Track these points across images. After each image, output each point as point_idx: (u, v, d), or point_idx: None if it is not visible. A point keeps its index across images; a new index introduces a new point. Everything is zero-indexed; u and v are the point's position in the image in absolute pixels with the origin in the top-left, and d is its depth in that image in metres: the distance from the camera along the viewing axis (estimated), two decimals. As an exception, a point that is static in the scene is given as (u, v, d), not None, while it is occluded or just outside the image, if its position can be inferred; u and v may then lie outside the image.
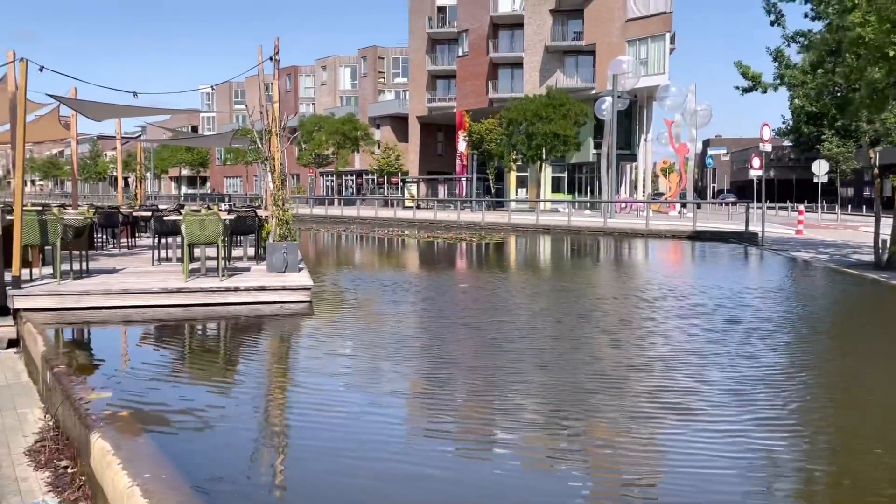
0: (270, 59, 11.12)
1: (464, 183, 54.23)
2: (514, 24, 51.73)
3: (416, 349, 7.20)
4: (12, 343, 7.91)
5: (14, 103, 9.39)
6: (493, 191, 51.66)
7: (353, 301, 10.72)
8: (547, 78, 49.50)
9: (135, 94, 10.48)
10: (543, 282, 13.85)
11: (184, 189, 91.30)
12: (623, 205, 42.34)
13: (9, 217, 9.46)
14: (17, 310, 8.17)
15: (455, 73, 55.85)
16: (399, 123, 62.19)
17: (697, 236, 25.39)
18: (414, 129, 59.70)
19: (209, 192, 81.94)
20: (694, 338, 7.80)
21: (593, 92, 46.65)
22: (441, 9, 58.36)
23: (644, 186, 48.70)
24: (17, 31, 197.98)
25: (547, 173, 48.24)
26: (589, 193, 49.55)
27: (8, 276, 8.56)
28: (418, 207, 44.73)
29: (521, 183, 51.62)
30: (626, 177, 49.82)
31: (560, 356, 6.84)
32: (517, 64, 51.73)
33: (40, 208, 11.40)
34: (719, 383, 5.85)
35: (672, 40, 45.55)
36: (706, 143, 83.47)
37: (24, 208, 9.09)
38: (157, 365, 6.52)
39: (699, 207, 38.69)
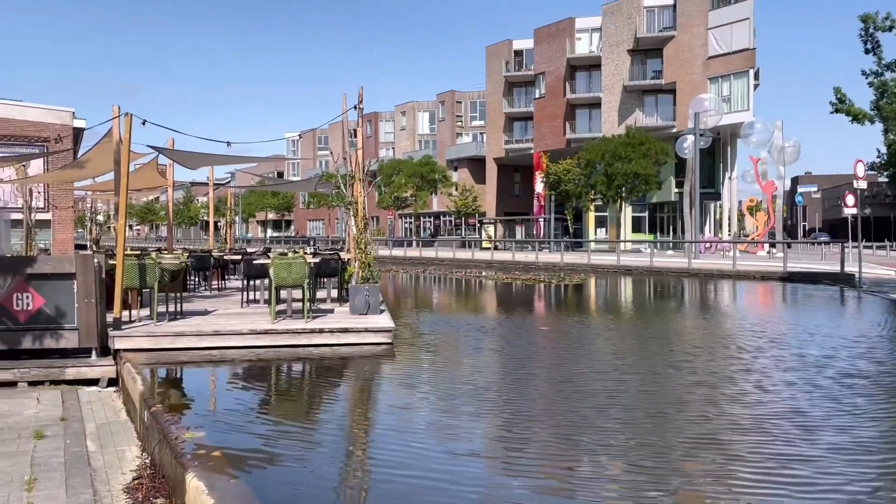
0: (354, 107, 11.48)
1: (541, 223, 54.01)
2: (592, 65, 51.78)
3: (497, 400, 6.91)
4: (112, 382, 8.31)
5: (118, 155, 10.02)
6: (571, 231, 51.17)
7: (434, 344, 10.73)
8: (625, 117, 49.08)
9: (228, 143, 11.01)
10: (627, 326, 13.48)
11: (269, 232, 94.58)
12: (708, 245, 41.06)
13: (111, 262, 10.02)
14: (118, 350, 8.58)
15: (532, 115, 56.17)
16: (476, 165, 62.86)
17: (789, 278, 24.30)
18: (491, 171, 60.17)
19: (293, 234, 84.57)
20: (801, 393, 7.23)
21: (674, 130, 45.88)
22: (517, 53, 59.09)
23: (729, 225, 47.17)
24: (122, 85, 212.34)
25: (627, 213, 47.47)
26: (671, 233, 48.36)
27: (109, 318, 9.03)
28: (496, 248, 44.74)
29: (601, 223, 50.97)
30: (710, 216, 48.40)
31: (651, 413, 6.34)
32: (595, 104, 51.60)
33: (138, 252, 12.04)
34: (836, 445, 5.42)
35: (756, 76, 44.44)
36: (795, 181, 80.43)
37: (125, 253, 9.61)
38: (247, 405, 6.68)
39: (789, 247, 37.11)
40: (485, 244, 49.78)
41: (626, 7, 49.03)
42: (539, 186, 54.10)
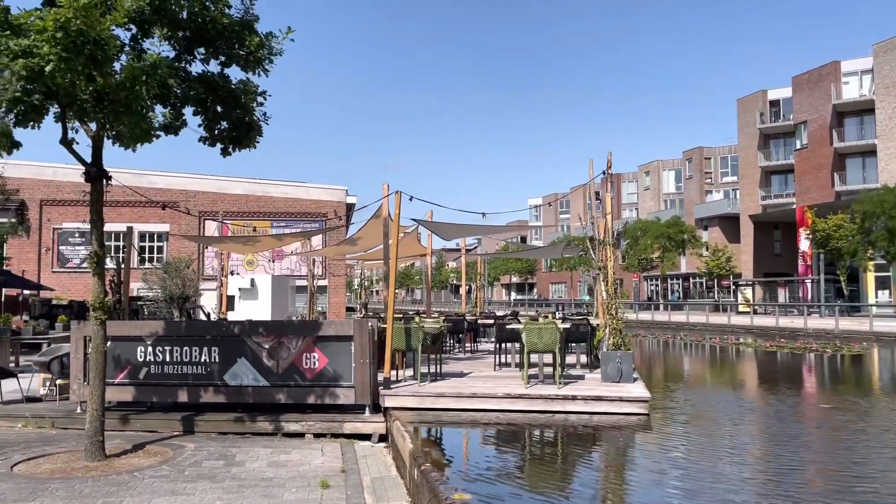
0: (603, 173, 11.54)
1: (808, 285, 48.82)
2: (863, 109, 46.69)
3: (773, 493, 6.27)
4: (382, 437, 9.00)
5: (387, 228, 11.07)
6: (845, 294, 45.56)
7: (691, 418, 10.11)
8: (909, 164, 43.20)
9: (483, 214, 11.65)
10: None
11: (513, 295, 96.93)
12: None
13: (381, 325, 10.98)
14: (387, 408, 9.30)
15: (792, 168, 51.82)
16: (729, 223, 59.11)
17: None
18: (746, 229, 56.13)
19: (537, 297, 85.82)
20: None
21: (975, 175, 39.36)
22: (773, 103, 55.31)
23: None
24: (387, 164, 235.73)
25: (916, 273, 41.24)
26: (977, 295, 40.95)
27: (380, 378, 9.86)
28: (755, 312, 41.25)
29: (883, 284, 44.73)
30: None
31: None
32: (869, 152, 46.22)
33: (401, 316, 13.05)
34: None
35: None
36: None
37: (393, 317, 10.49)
38: (506, 469, 6.83)
39: None
40: (742, 308, 46.22)
41: (903, 42, 43.83)
42: (804, 244, 49.19)
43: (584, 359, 13.14)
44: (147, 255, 29.74)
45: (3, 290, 26.21)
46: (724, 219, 59.96)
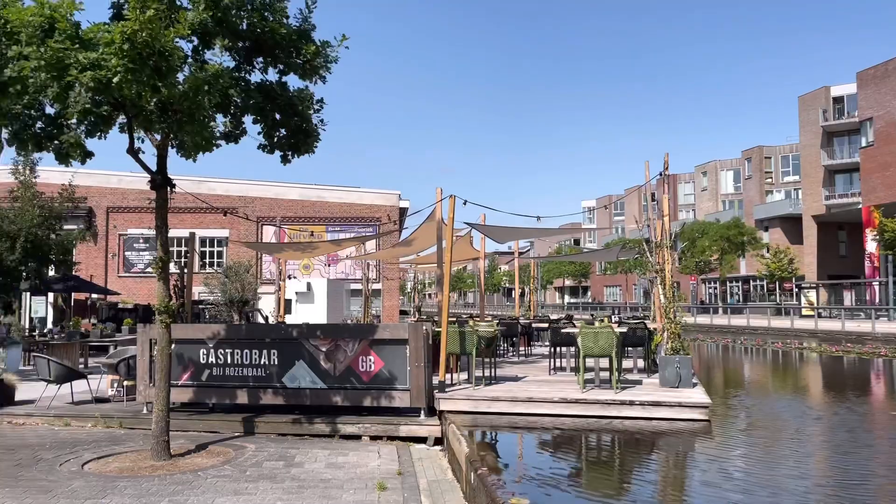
0: (660, 174, 11.34)
1: (876, 287, 46.91)
2: (934, 103, 44.72)
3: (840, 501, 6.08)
4: (437, 440, 9.02)
5: (440, 232, 11.11)
6: (917, 296, 43.64)
7: (753, 425, 9.83)
8: None
9: (538, 217, 11.57)
10: None
11: (567, 298, 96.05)
12: None
13: (435, 329, 11.02)
14: (441, 411, 9.32)
15: (857, 166, 49.88)
16: (790, 224, 57.32)
17: None
18: (809, 230, 54.32)
19: (591, 301, 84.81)
20: None
21: None
22: (837, 99, 53.46)
23: None
24: (442, 168, 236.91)
25: None
26: None
27: (435, 381, 9.89)
28: (819, 316, 39.87)
29: (957, 286, 42.71)
30: None
31: None
32: (941, 148, 44.21)
33: (454, 320, 13.07)
34: None
35: None
36: None
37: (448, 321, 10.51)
38: (562, 474, 6.76)
39: None
40: (805, 311, 44.72)
41: (978, 32, 41.77)
42: (871, 245, 47.33)
43: (640, 363, 12.92)
44: (207, 260, 30.54)
45: (73, 294, 27.28)
46: (785, 219, 58.17)
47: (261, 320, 22.21)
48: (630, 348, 13.20)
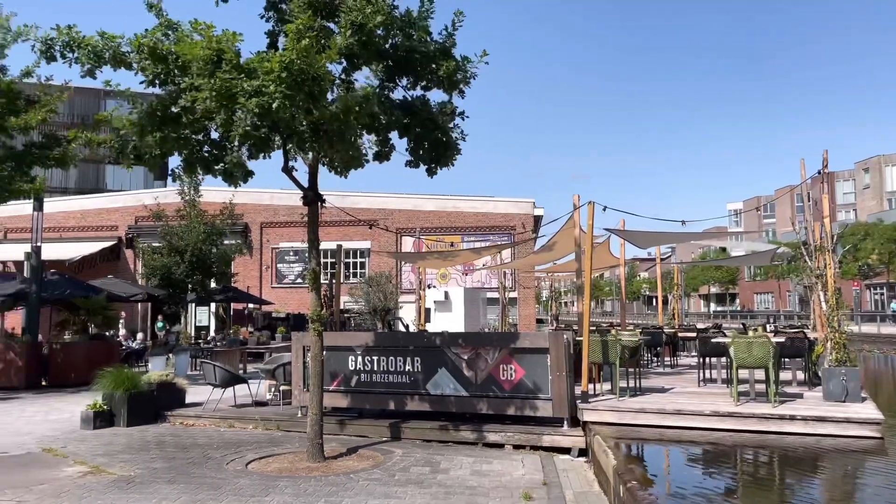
0: (819, 172, 10.57)
1: None
2: None
3: None
4: (581, 452, 8.87)
5: (580, 239, 10.95)
6: None
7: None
8: None
9: (683, 222, 11.12)
10: None
11: (713, 306, 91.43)
12: None
13: (577, 338, 10.87)
14: (585, 422, 9.16)
15: None
16: (973, 223, 51.47)
17: None
18: None
19: (740, 309, 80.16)
20: None
21: None
22: None
23: None
24: (573, 175, 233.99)
25: None
26: None
27: (577, 391, 9.74)
28: None
29: None
30: None
31: None
32: None
33: (594, 329, 12.81)
34: None
35: None
36: None
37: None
38: (715, 492, 6.44)
39: None
40: None
41: None
42: None
43: (800, 375, 12.05)
44: (351, 271, 31.90)
45: (232, 304, 29.40)
46: (965, 217, 52.34)
47: (402, 328, 22.87)
48: (787, 359, 12.37)
